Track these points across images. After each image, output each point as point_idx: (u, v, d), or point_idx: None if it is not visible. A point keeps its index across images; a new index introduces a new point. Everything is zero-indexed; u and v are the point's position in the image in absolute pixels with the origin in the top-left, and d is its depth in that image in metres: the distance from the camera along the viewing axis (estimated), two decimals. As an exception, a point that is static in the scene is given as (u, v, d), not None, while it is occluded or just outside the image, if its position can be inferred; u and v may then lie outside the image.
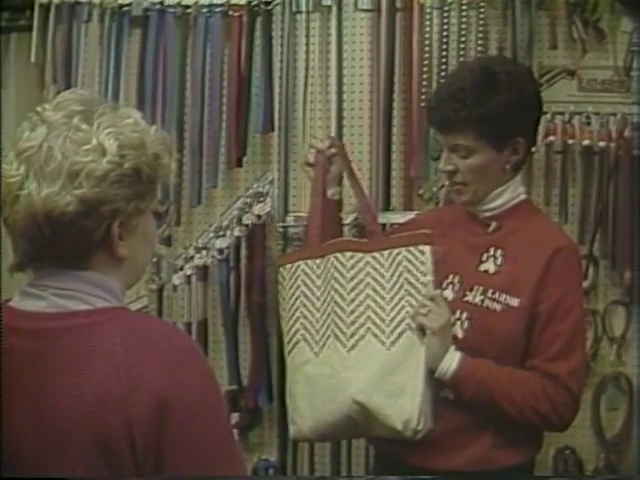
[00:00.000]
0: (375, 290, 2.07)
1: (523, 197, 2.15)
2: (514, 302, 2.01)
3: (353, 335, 2.06)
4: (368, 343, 2.04)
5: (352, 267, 2.10)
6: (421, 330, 2.00)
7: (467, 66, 2.39)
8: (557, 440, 2.78)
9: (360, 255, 2.11)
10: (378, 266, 2.08)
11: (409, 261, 2.05)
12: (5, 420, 1.29)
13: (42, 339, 1.31)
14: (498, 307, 2.02)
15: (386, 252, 2.07)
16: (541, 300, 2.01)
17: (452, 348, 2.01)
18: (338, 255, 2.13)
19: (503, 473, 2.04)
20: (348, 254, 2.12)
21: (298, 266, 2.20)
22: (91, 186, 1.27)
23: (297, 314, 2.18)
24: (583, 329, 2.14)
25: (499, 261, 2.07)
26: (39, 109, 1.34)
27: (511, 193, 2.10)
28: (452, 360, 1.99)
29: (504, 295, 2.02)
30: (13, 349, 1.31)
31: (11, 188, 1.29)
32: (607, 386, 2.84)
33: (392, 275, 2.06)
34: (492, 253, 2.08)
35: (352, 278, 2.10)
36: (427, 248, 2.04)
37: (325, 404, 2.08)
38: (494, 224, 2.10)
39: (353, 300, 2.09)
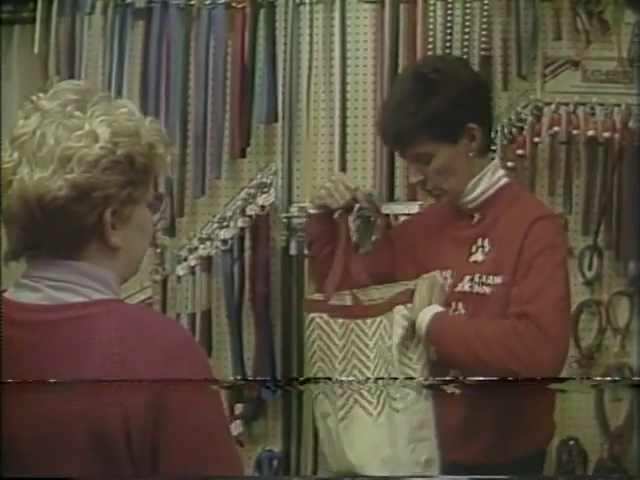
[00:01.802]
0: (360, 360, 2.06)
1: (504, 181, 2.14)
2: (498, 280, 2.01)
3: (342, 407, 2.06)
4: (356, 415, 2.04)
5: (342, 335, 2.09)
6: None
7: (400, 77, 2.39)
8: (561, 431, 2.76)
9: (347, 321, 2.08)
10: (362, 334, 2.06)
11: (384, 329, 2.03)
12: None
13: (39, 331, 1.30)
14: (487, 290, 2.03)
15: (369, 320, 2.05)
16: (519, 266, 1.99)
17: (429, 306, 2.01)
18: (330, 321, 2.11)
19: (507, 467, 2.03)
20: (340, 320, 2.10)
21: (312, 319, 2.15)
22: (82, 171, 1.27)
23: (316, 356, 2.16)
24: (560, 283, 2.02)
25: (487, 249, 2.07)
26: (34, 98, 1.35)
27: (489, 179, 2.10)
28: (425, 316, 1.99)
29: (490, 277, 2.02)
30: (10, 340, 1.31)
31: (4, 174, 1.29)
32: (611, 377, 2.84)
33: (375, 344, 2.04)
34: (480, 244, 2.08)
35: (343, 347, 2.08)
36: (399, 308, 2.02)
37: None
38: (477, 215, 2.10)
39: (343, 371, 2.08)
